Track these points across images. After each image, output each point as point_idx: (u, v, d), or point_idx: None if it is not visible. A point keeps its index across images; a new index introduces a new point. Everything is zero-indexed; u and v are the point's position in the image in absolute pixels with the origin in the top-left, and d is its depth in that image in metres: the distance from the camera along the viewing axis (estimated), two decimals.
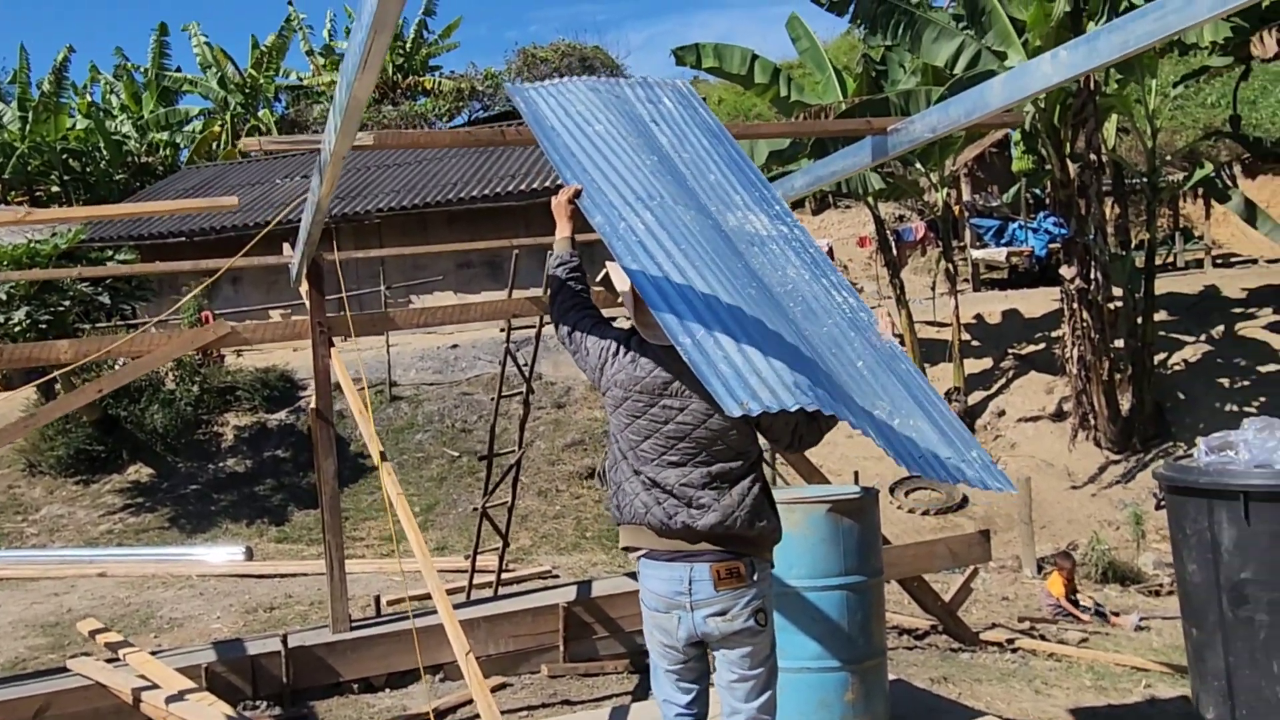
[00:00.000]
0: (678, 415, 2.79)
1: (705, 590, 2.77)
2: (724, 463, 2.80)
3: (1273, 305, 15.33)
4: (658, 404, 2.81)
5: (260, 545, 11.59)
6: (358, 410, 5.26)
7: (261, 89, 29.27)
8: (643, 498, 2.83)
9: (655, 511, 2.81)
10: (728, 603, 2.78)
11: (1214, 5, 2.59)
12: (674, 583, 2.80)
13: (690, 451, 2.79)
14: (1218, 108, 22.34)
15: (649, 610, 2.90)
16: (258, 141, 3.45)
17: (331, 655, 5.47)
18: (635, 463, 2.85)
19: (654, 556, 2.86)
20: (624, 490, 2.88)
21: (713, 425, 2.78)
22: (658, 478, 2.80)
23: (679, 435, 2.79)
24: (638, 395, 2.83)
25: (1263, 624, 3.63)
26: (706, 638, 2.84)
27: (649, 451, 2.82)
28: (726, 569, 2.78)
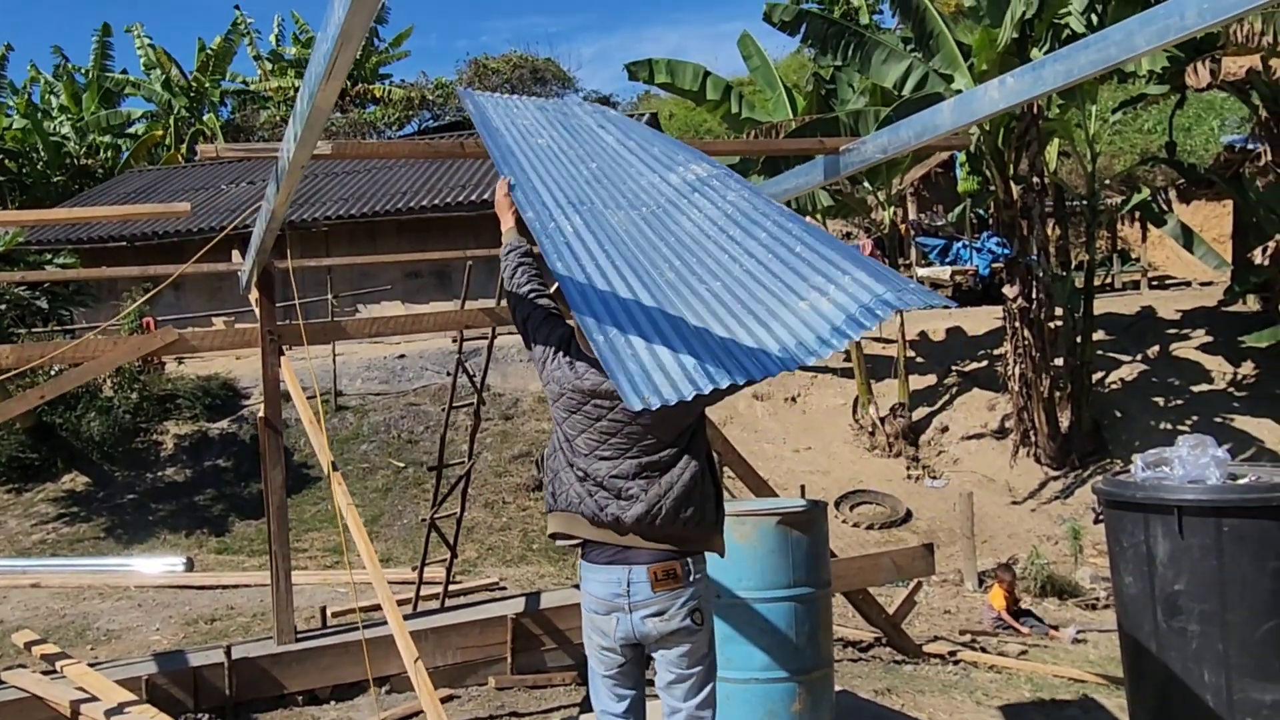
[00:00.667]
0: (608, 413, 2.87)
1: (643, 592, 2.84)
2: (654, 454, 2.86)
3: (1205, 327, 15.79)
4: (589, 403, 2.90)
5: (200, 556, 11.39)
6: (307, 420, 5.21)
7: (207, 93, 28.84)
8: (576, 488, 2.92)
9: (588, 503, 2.90)
10: (665, 603, 2.85)
11: (1152, 39, 2.69)
12: (612, 585, 2.87)
13: (621, 446, 2.87)
14: (1154, 134, 23.00)
15: (588, 612, 2.97)
16: (215, 148, 3.43)
17: (276, 667, 5.41)
18: (570, 454, 2.94)
19: (592, 559, 2.93)
20: (560, 478, 2.97)
21: (643, 420, 2.84)
22: (589, 469, 2.89)
23: (611, 431, 2.88)
24: (572, 394, 2.93)
25: (1194, 634, 3.75)
26: (644, 638, 2.90)
27: (583, 446, 2.92)
28: (663, 570, 2.85)
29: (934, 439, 14.26)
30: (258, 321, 5.52)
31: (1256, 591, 3.67)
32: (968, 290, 19.70)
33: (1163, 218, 15.41)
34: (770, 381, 14.75)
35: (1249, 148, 14.38)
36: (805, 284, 2.58)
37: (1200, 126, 23.56)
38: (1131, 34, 2.70)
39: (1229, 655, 3.68)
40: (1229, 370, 14.56)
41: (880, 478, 13.38)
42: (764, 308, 2.56)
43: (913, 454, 13.86)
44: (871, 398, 14.41)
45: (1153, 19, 2.66)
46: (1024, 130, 12.65)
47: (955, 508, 11.36)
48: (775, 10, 13.40)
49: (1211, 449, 3.86)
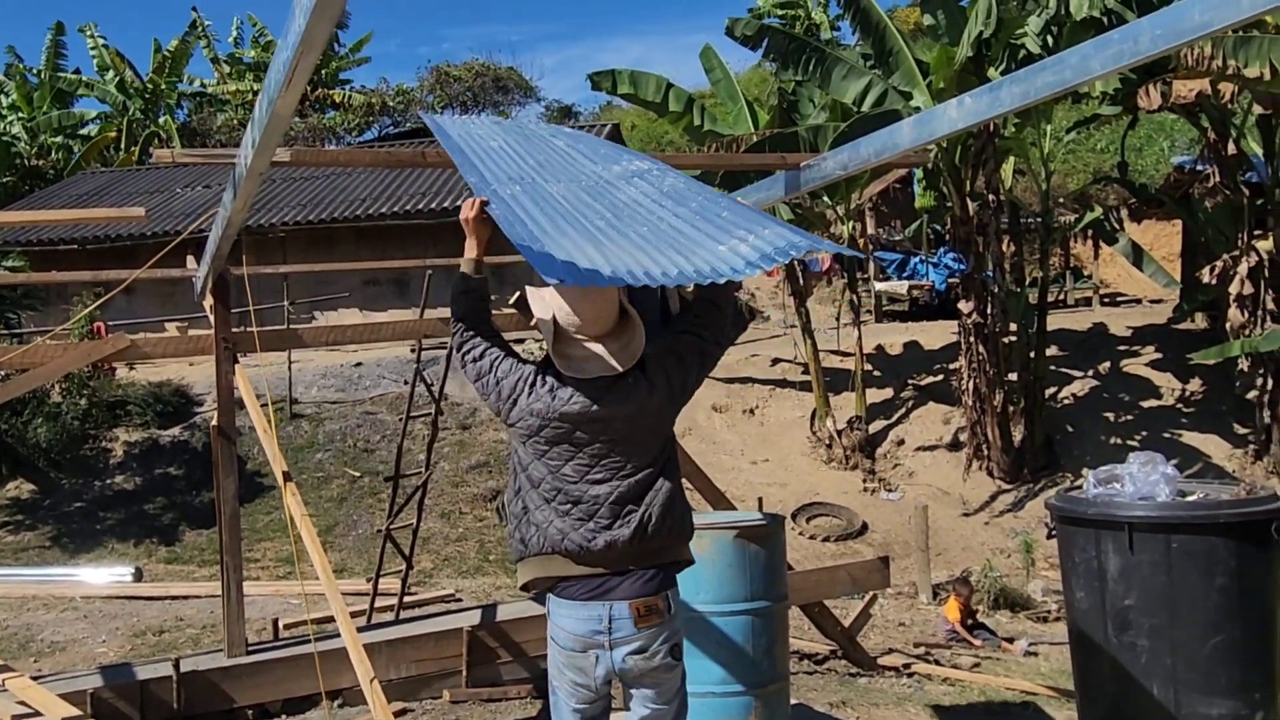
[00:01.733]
0: (598, 436, 2.80)
1: (626, 628, 2.77)
2: (642, 472, 2.83)
3: (1155, 343, 16.09)
4: (576, 430, 2.81)
5: (149, 566, 11.19)
6: (261, 428, 5.14)
7: (163, 95, 28.44)
8: (558, 525, 2.81)
9: (572, 537, 2.79)
10: (647, 640, 2.79)
11: (1106, 63, 2.74)
12: (592, 622, 2.78)
13: (615, 466, 2.81)
14: (1107, 154, 23.42)
15: (561, 649, 2.85)
16: (170, 153, 3.37)
17: (226, 680, 5.31)
18: (551, 488, 2.83)
19: (568, 595, 2.83)
20: (533, 519, 2.85)
21: (631, 439, 2.81)
22: (584, 496, 2.80)
23: (600, 454, 2.81)
24: (558, 423, 2.81)
25: (1144, 649, 3.81)
26: (624, 675, 2.83)
27: (571, 473, 2.82)
28: (646, 606, 2.78)
29: (890, 452, 14.38)
30: (212, 328, 5.44)
31: (1204, 607, 3.73)
32: (924, 305, 19.94)
33: (1114, 236, 15.72)
34: (729, 394, 14.83)
35: (1198, 169, 14.71)
36: (728, 235, 2.71)
37: (1151, 147, 24.05)
38: (1087, 58, 2.75)
39: (1177, 670, 3.74)
40: (1178, 386, 14.85)
41: (837, 490, 13.47)
42: (689, 246, 2.67)
43: (869, 467, 13.97)
44: (829, 410, 14.51)
45: (1107, 43, 2.71)
46: (981, 148, 12.83)
47: (910, 520, 11.46)
48: (738, 24, 13.50)
49: (1161, 466, 3.92)
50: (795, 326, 15.91)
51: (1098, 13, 11.28)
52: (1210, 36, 2.47)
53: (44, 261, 16.78)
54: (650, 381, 2.84)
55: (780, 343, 17.63)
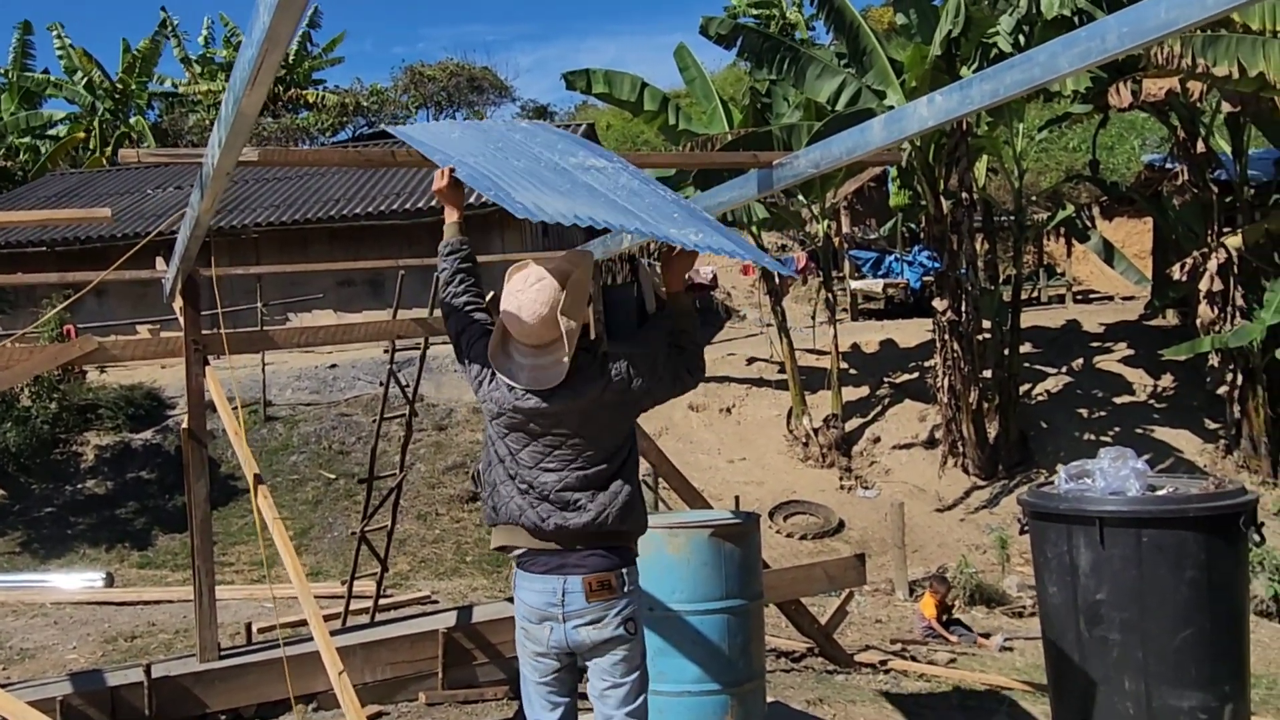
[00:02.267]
0: (550, 430, 2.94)
1: (577, 602, 2.91)
2: (597, 466, 2.95)
3: (1127, 340, 16.24)
4: (530, 422, 2.96)
5: (121, 571, 11.08)
6: (233, 431, 5.09)
7: (133, 95, 28.15)
8: (518, 501, 2.96)
9: (529, 514, 2.94)
10: (599, 613, 2.92)
11: (1074, 60, 2.75)
12: (547, 594, 2.93)
13: (566, 458, 2.95)
14: (1079, 152, 23.62)
15: (522, 620, 3.00)
16: (136, 153, 3.33)
17: (198, 685, 5.26)
18: (513, 467, 2.98)
19: (529, 568, 2.98)
20: (499, 492, 3.00)
21: (585, 433, 2.94)
22: (534, 481, 2.95)
23: (554, 445, 2.95)
24: (511, 413, 2.96)
25: (1115, 643, 3.83)
26: (578, 647, 2.96)
27: (527, 459, 2.97)
28: (598, 581, 2.92)
29: (866, 449, 14.44)
30: (182, 330, 5.38)
31: (1174, 601, 3.76)
32: (899, 303, 20.04)
33: (1086, 234, 15.83)
34: (705, 392, 14.83)
35: (1168, 167, 14.84)
36: (678, 227, 2.81)
37: (1122, 145, 24.28)
38: (1055, 55, 2.76)
39: (1148, 663, 3.77)
40: (1149, 382, 14.99)
41: (813, 488, 13.51)
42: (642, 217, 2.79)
43: (845, 464, 14.02)
44: (805, 409, 14.54)
45: (1075, 41, 2.72)
46: (954, 147, 12.90)
47: (886, 518, 11.51)
48: (712, 23, 13.51)
49: (1132, 461, 3.95)
50: (771, 325, 15.94)
51: (1068, 12, 11.37)
52: (1176, 34, 2.49)
53: (11, 264, 16.56)
54: (607, 379, 2.95)
55: (756, 342, 17.67)
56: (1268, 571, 9.61)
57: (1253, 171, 13.77)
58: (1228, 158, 13.67)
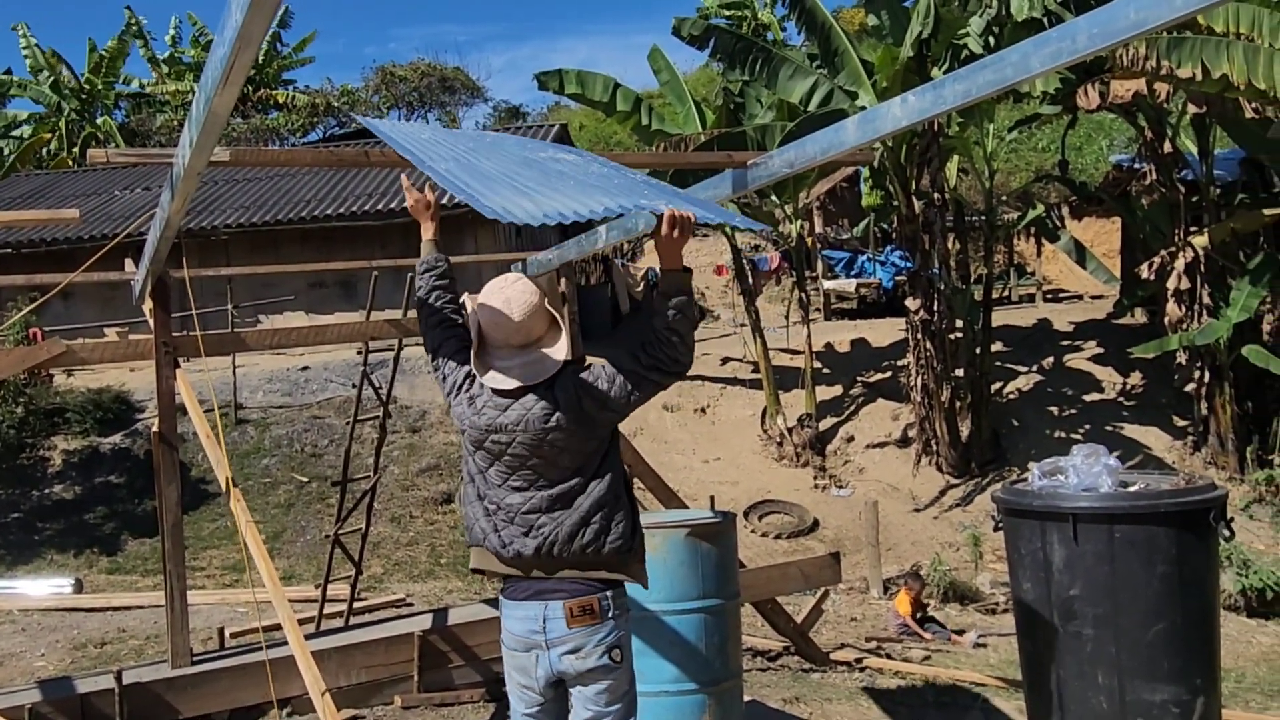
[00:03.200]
0: (509, 447, 2.86)
1: (559, 628, 2.80)
2: (564, 483, 2.84)
3: (1096, 338, 16.40)
4: (488, 439, 2.89)
5: (90, 577, 10.94)
6: (204, 435, 5.04)
7: (99, 95, 27.83)
8: (482, 523, 2.92)
9: (492, 539, 2.89)
10: (580, 640, 2.81)
11: (1045, 60, 2.76)
12: (529, 622, 2.84)
13: (529, 477, 2.86)
14: (1048, 152, 23.86)
15: (509, 650, 2.93)
16: (105, 153, 3.28)
17: (170, 692, 5.20)
18: (484, 486, 2.93)
19: (511, 596, 2.91)
20: (470, 512, 2.97)
21: (545, 453, 2.83)
22: (501, 502, 2.88)
23: (515, 465, 2.87)
24: (471, 429, 2.93)
25: (1089, 638, 3.87)
26: (563, 675, 2.86)
27: (495, 478, 2.91)
28: (579, 606, 2.81)
29: (840, 449, 14.50)
30: (152, 333, 5.32)
31: (1146, 596, 3.80)
32: (872, 303, 20.14)
33: (1056, 233, 15.98)
34: (680, 392, 14.84)
35: (1136, 167, 15.00)
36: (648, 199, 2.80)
37: (1091, 146, 24.54)
38: (1027, 56, 2.77)
39: (1121, 658, 3.81)
40: (1119, 380, 15.15)
41: (788, 487, 13.55)
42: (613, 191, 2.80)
43: (819, 463, 14.08)
44: (779, 408, 14.59)
45: (1047, 41, 2.74)
46: (925, 147, 12.98)
47: (861, 516, 11.57)
48: (684, 24, 13.53)
49: (1104, 458, 3.99)
50: (745, 325, 15.98)
51: (1038, 14, 11.47)
52: (1145, 35, 2.51)
53: None
54: (555, 402, 2.84)
55: (730, 341, 17.71)
56: (1235, 566, 9.74)
57: (1218, 171, 13.95)
58: (1194, 158, 13.84)
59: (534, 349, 2.90)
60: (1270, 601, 9.71)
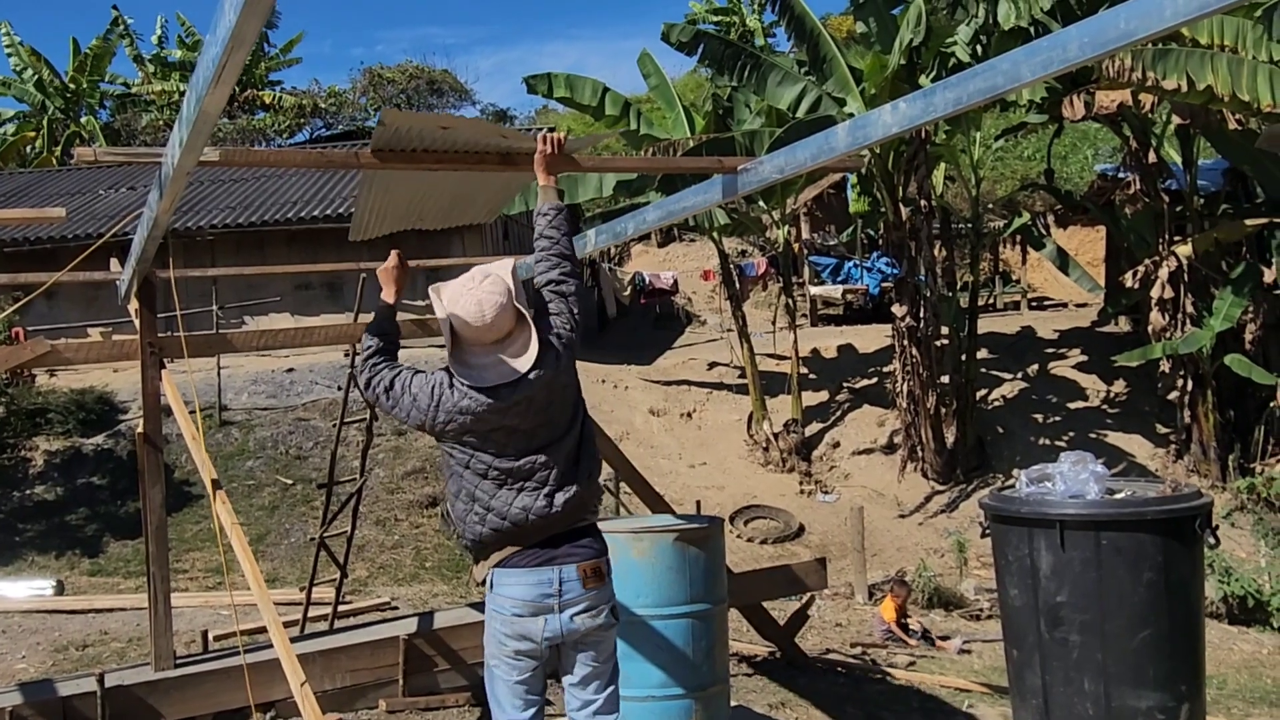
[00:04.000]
0: (526, 415, 3.01)
1: (575, 590, 2.99)
2: (568, 436, 3.08)
3: (1081, 346, 16.49)
4: (506, 415, 3.00)
5: (71, 579, 10.85)
6: (189, 436, 5.01)
7: (84, 94, 27.66)
8: (518, 502, 2.99)
9: (535, 508, 2.98)
10: (593, 600, 3.02)
11: (1036, 69, 2.79)
12: (543, 586, 2.98)
13: (547, 438, 3.03)
14: (1034, 161, 23.98)
15: (508, 617, 3.00)
16: (93, 151, 3.26)
17: (153, 695, 5.15)
18: (500, 473, 3.01)
19: (515, 564, 3.01)
20: (476, 510, 3.03)
21: (551, 411, 3.05)
22: (532, 468, 3.01)
23: (533, 430, 3.02)
24: (486, 414, 2.99)
25: (1075, 644, 3.88)
26: (569, 636, 3.01)
27: (513, 453, 3.01)
28: (592, 569, 3.02)
29: (826, 454, 14.53)
30: (137, 333, 5.29)
31: (1132, 602, 3.82)
32: (858, 309, 20.21)
33: (1041, 241, 16.07)
34: (666, 397, 14.79)
35: (1120, 176, 15.11)
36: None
37: (1076, 155, 24.68)
38: (1018, 64, 2.79)
39: (1107, 664, 3.82)
40: (1103, 388, 15.24)
41: (774, 493, 13.56)
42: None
43: (805, 469, 14.10)
44: (766, 414, 14.61)
45: (1037, 50, 2.76)
46: (913, 155, 13.04)
47: (846, 522, 11.59)
48: (673, 30, 13.55)
49: (1091, 465, 4.01)
50: (732, 330, 16.01)
51: (1025, 23, 11.54)
52: (1134, 45, 2.54)
53: None
54: (557, 360, 3.07)
55: (717, 346, 17.73)
56: (1218, 574, 9.80)
57: (1202, 181, 14.07)
58: (1178, 168, 13.95)
59: (506, 344, 3.01)
60: (1251, 609, 9.78)
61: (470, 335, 2.99)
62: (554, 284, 3.21)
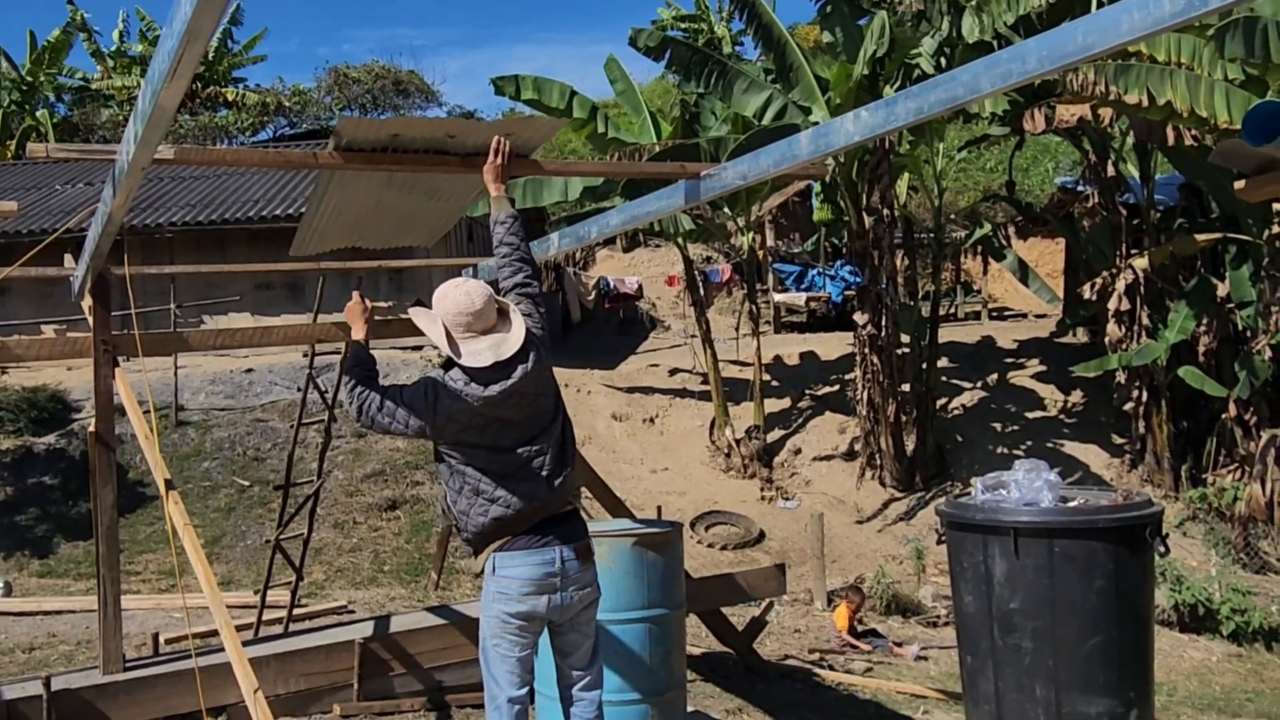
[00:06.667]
0: (521, 404, 3.29)
1: (575, 567, 3.29)
2: (556, 422, 3.38)
3: (1039, 356, 16.70)
4: (507, 404, 3.25)
5: (20, 580, 10.65)
6: (142, 436, 4.93)
7: (40, 88, 27.19)
8: (523, 489, 3.23)
9: (538, 494, 3.25)
10: (589, 576, 3.36)
11: (995, 81, 2.82)
12: (546, 565, 3.24)
13: (541, 425, 3.32)
14: (995, 173, 24.26)
15: (515, 596, 3.23)
16: (45, 147, 3.20)
17: (101, 699, 5.06)
18: (502, 465, 3.24)
19: (517, 548, 3.24)
20: (481, 501, 3.24)
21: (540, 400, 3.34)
22: (531, 456, 3.27)
23: (529, 418, 3.30)
24: (493, 405, 3.23)
25: (1028, 651, 3.92)
26: (566, 611, 3.31)
27: (510, 444, 3.25)
28: (586, 547, 3.36)
29: (787, 461, 14.59)
30: (91, 330, 5.20)
31: (1084, 609, 3.86)
32: (821, 317, 20.32)
33: (1002, 252, 16.26)
34: (629, 403, 14.80)
35: (1080, 190, 15.32)
36: None
37: (1037, 168, 24.99)
38: (978, 76, 2.83)
39: (1059, 670, 3.86)
40: (1060, 398, 15.43)
41: (735, 499, 13.59)
42: None
43: (767, 475, 14.14)
44: (728, 420, 14.64)
45: (997, 63, 2.80)
46: (876, 164, 13.14)
47: (806, 528, 11.64)
48: (641, 35, 13.57)
49: (1045, 473, 4.05)
50: (695, 336, 16.03)
51: (989, 36, 11.68)
52: (1092, 59, 2.58)
53: None
54: (538, 354, 3.35)
55: (680, 353, 17.75)
56: (1169, 582, 9.94)
57: (1159, 196, 14.30)
58: (1136, 182, 14.17)
59: (495, 332, 3.27)
60: (1202, 617, 9.93)
61: (463, 324, 3.22)
62: (520, 287, 3.47)
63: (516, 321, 3.30)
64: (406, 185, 4.27)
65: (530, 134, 3.79)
